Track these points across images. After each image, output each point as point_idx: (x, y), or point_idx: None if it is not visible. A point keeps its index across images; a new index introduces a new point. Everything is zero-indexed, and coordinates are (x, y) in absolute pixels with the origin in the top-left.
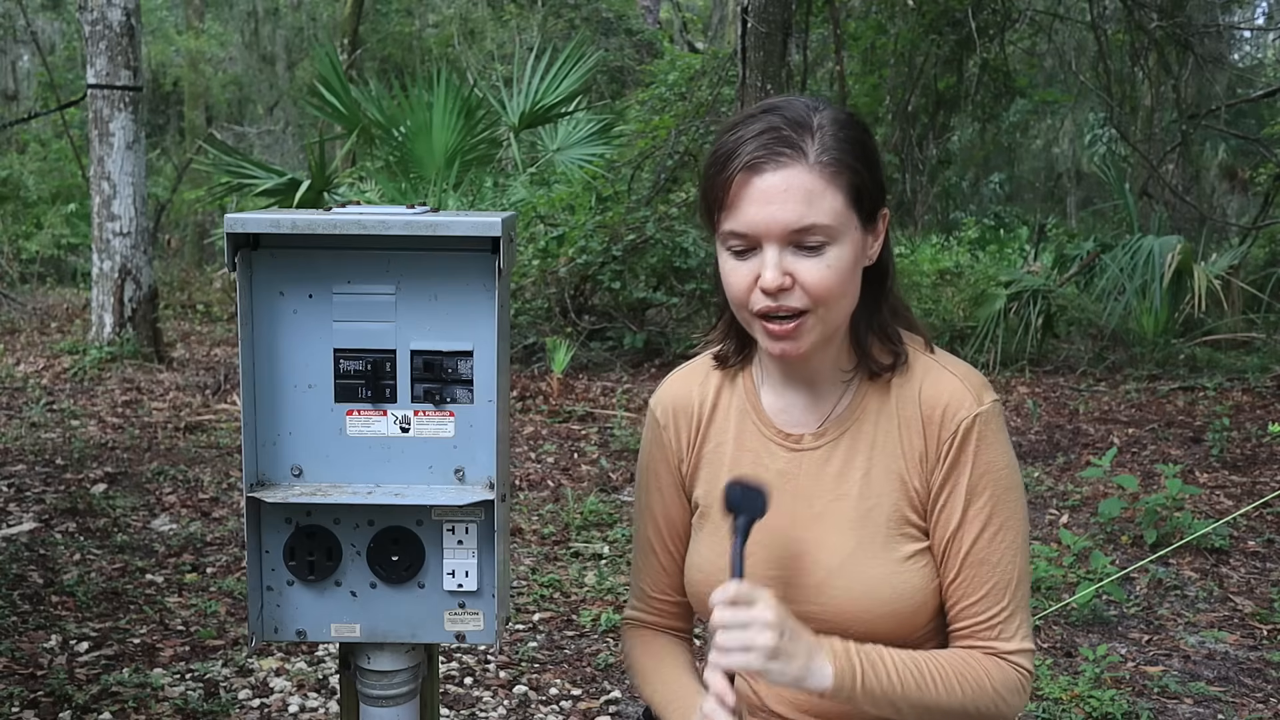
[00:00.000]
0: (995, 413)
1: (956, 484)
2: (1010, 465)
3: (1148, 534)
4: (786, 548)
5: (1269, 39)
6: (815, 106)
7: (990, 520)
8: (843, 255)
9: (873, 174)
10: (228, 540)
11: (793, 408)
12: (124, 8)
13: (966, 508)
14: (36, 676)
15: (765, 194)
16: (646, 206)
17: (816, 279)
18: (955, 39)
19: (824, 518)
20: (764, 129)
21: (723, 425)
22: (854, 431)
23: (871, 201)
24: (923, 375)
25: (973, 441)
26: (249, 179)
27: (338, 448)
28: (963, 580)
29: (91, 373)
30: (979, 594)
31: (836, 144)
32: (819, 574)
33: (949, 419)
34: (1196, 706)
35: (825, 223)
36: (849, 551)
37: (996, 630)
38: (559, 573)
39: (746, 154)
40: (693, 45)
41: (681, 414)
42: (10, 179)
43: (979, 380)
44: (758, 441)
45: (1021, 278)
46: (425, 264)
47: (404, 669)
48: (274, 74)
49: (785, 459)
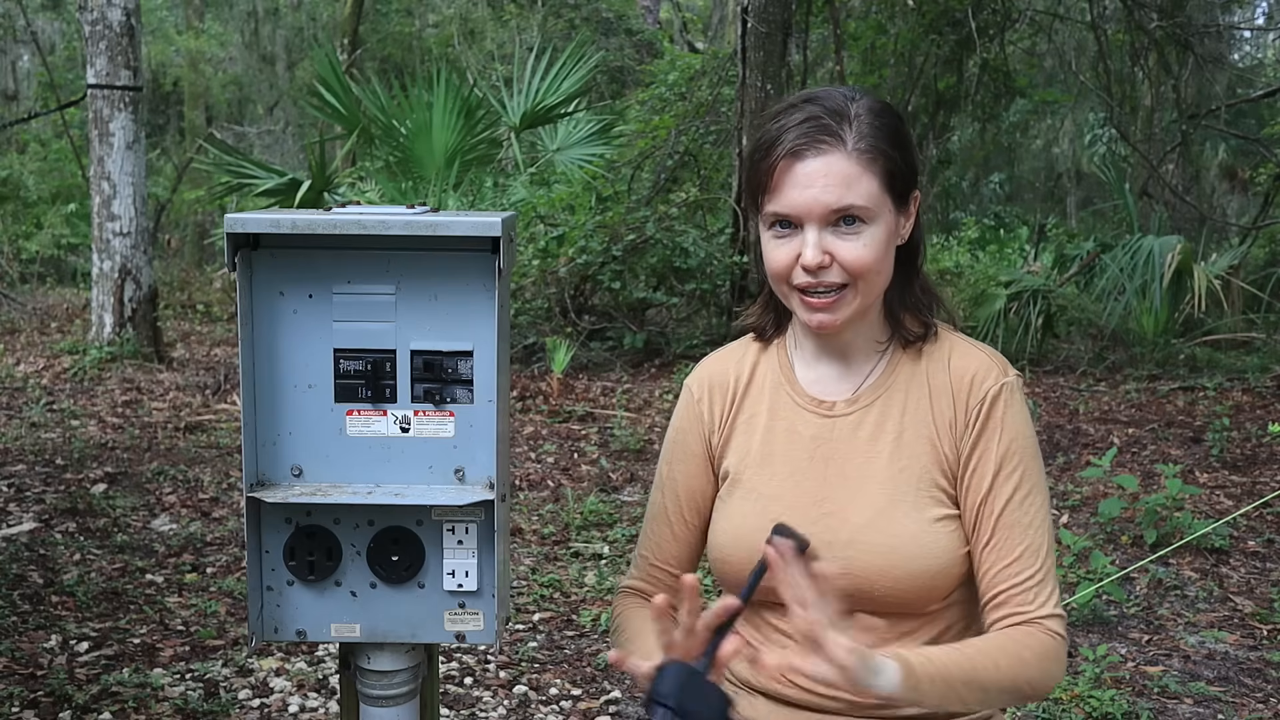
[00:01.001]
0: (1018, 385)
1: (987, 449)
2: (1032, 436)
3: (1148, 534)
4: (819, 506)
5: (1269, 39)
6: (852, 96)
7: (1020, 485)
8: (878, 235)
9: (905, 158)
10: (228, 540)
11: (826, 378)
12: (124, 8)
13: (997, 472)
14: (36, 676)
15: (808, 178)
16: (646, 206)
17: (854, 257)
18: (955, 39)
19: (855, 479)
20: (805, 118)
21: (757, 397)
22: (886, 397)
23: (904, 184)
24: (951, 348)
25: (1000, 408)
26: (249, 179)
27: (338, 448)
28: (996, 543)
29: (91, 373)
30: (1013, 556)
31: (872, 131)
32: (847, 531)
33: (977, 387)
34: (1196, 706)
35: (862, 204)
36: (879, 509)
37: (1032, 594)
38: (559, 573)
39: (789, 141)
40: (693, 45)
41: (717, 388)
42: (10, 179)
43: (999, 357)
44: (791, 410)
45: (1021, 278)
46: (425, 264)
47: (404, 669)
48: (274, 74)
49: (818, 425)
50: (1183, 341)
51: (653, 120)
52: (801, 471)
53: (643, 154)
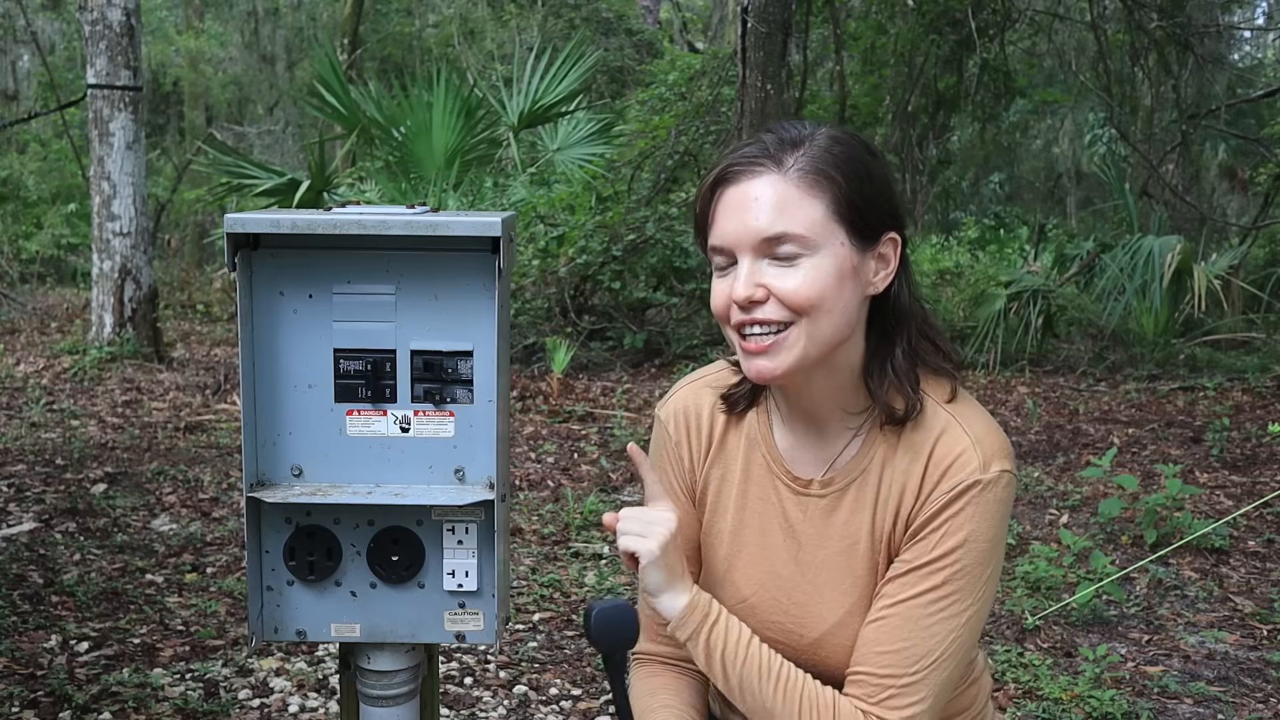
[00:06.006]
0: (999, 484)
1: (928, 539)
2: (993, 542)
3: (1148, 534)
4: (791, 596)
5: (1269, 39)
6: (817, 127)
7: (940, 588)
8: (822, 266)
9: (865, 190)
10: (228, 540)
11: (803, 447)
12: (124, 8)
13: (924, 565)
14: (36, 676)
15: (738, 203)
16: (646, 206)
17: (791, 288)
18: (955, 39)
19: (827, 568)
20: (751, 145)
21: (733, 452)
22: (861, 482)
23: (866, 219)
24: (939, 432)
25: (961, 505)
26: (249, 179)
27: (338, 448)
28: (880, 625)
29: (91, 373)
30: (889, 647)
31: (821, 155)
32: (817, 629)
33: (949, 477)
34: (1196, 706)
35: (798, 232)
36: (849, 608)
37: (888, 693)
38: (559, 573)
39: (724, 167)
40: (693, 45)
41: (693, 429)
42: (10, 179)
43: (995, 446)
44: (766, 478)
45: (1021, 278)
46: (425, 264)
47: (404, 669)
48: (274, 74)
49: (792, 502)
50: (1183, 341)
51: (653, 120)
52: (774, 551)
53: (643, 154)
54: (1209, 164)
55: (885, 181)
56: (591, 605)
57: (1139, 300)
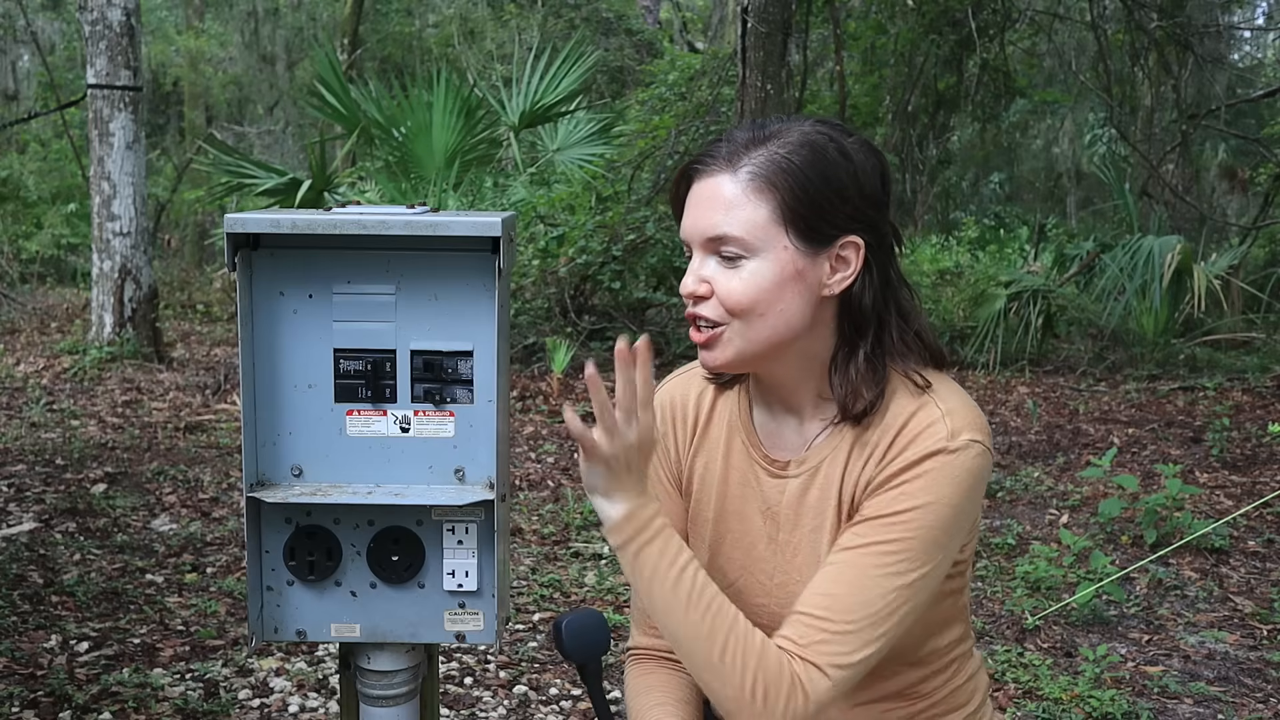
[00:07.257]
0: (967, 453)
1: (887, 494)
2: (955, 510)
3: (1148, 534)
4: (772, 577)
5: (1269, 39)
6: (798, 123)
7: (891, 544)
8: (762, 270)
9: (816, 193)
10: (228, 540)
11: (780, 430)
12: (124, 8)
13: (876, 518)
14: (36, 676)
15: (694, 199)
16: (646, 206)
17: (727, 291)
18: (955, 39)
19: (803, 549)
20: (720, 141)
21: (715, 439)
22: (832, 459)
23: (814, 223)
24: (913, 410)
25: (927, 469)
26: (249, 179)
27: (338, 448)
28: (825, 570)
29: (91, 373)
30: (828, 590)
31: (779, 158)
32: None
33: (916, 444)
34: (1196, 706)
35: (737, 234)
36: None
37: (820, 636)
38: (559, 573)
39: (691, 161)
40: (693, 45)
41: (678, 420)
42: (10, 179)
43: (967, 418)
44: (745, 461)
45: (1021, 278)
46: (425, 264)
47: (404, 669)
48: (274, 74)
49: (770, 484)
50: (1183, 341)
51: (653, 120)
52: (754, 534)
53: (643, 154)
54: (1209, 164)
55: (849, 184)
56: (559, 619)
57: (1139, 300)
